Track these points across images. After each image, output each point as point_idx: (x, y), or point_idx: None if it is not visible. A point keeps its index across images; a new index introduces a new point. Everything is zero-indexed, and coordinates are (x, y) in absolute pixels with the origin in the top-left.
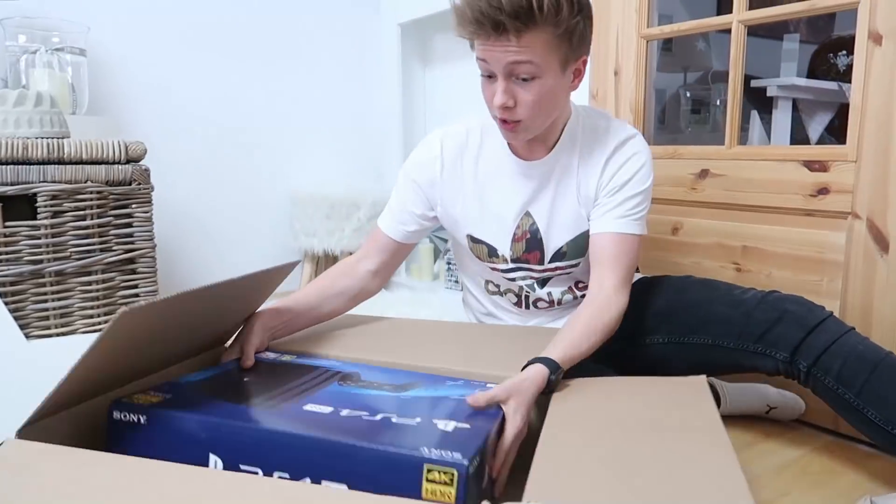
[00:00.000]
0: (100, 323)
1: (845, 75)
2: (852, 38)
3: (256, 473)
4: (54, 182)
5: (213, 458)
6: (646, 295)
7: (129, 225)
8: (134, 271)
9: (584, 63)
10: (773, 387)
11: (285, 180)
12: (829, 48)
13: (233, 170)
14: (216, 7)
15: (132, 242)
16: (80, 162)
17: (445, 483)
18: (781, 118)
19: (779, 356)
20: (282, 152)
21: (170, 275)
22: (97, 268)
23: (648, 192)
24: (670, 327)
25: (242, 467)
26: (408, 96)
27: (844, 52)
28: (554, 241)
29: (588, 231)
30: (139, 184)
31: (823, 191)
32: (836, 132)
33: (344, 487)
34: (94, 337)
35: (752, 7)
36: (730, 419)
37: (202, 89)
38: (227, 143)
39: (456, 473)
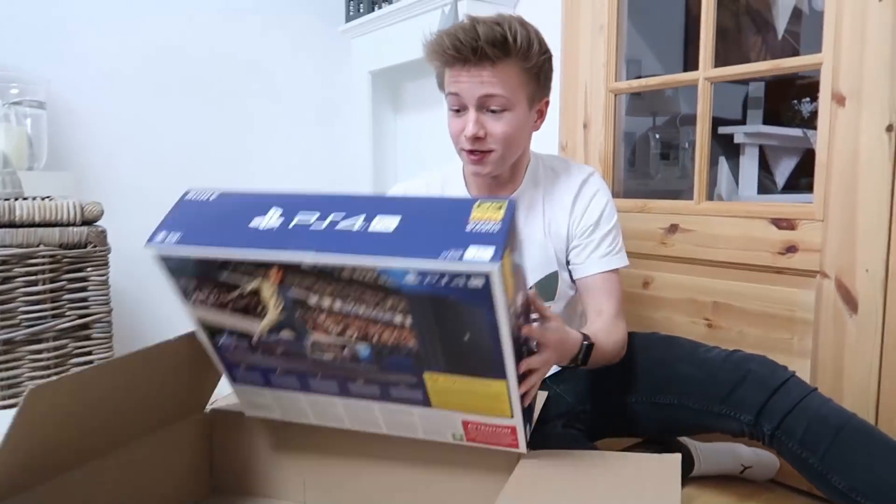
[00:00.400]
0: None
1: (809, 121)
2: (814, 84)
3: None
4: (4, 246)
5: (273, 209)
6: None
7: (83, 289)
8: (88, 337)
9: (547, 105)
10: (746, 446)
11: None
12: (794, 94)
13: None
14: (182, 58)
15: (87, 307)
16: (33, 224)
17: (495, 209)
18: (748, 165)
19: (743, 418)
20: None
21: (133, 338)
22: (48, 335)
23: (618, 224)
24: (638, 386)
25: (301, 213)
26: (379, 143)
27: (808, 98)
28: None
29: (556, 273)
30: (95, 246)
31: (792, 249)
32: (803, 178)
33: (398, 219)
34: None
35: (717, 61)
36: (704, 480)
37: (168, 141)
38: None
39: (506, 204)
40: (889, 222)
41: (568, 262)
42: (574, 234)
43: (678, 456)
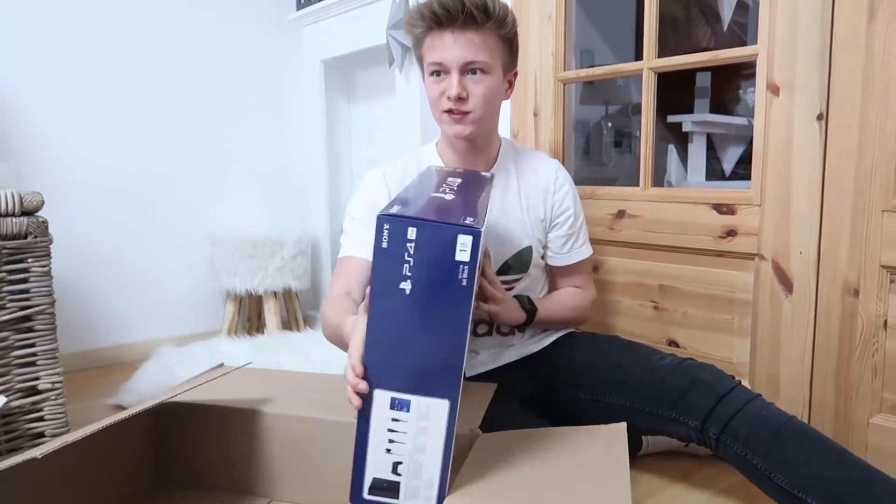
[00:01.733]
0: None
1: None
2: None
3: None
4: None
5: None
6: (574, 349)
7: (24, 281)
8: (30, 329)
9: (515, 76)
10: None
11: (204, 221)
12: (739, 84)
13: (147, 212)
14: (127, 46)
15: (28, 299)
16: None
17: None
18: (697, 152)
19: (691, 423)
20: (200, 193)
21: (77, 328)
22: None
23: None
24: (593, 384)
25: None
26: (332, 133)
27: (752, 88)
28: (499, 254)
29: (530, 247)
30: (35, 237)
31: (732, 233)
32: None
33: None
34: None
35: (661, 53)
36: (650, 458)
37: (114, 130)
38: (140, 185)
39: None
40: (820, 207)
41: (545, 246)
42: (552, 222)
43: (623, 424)
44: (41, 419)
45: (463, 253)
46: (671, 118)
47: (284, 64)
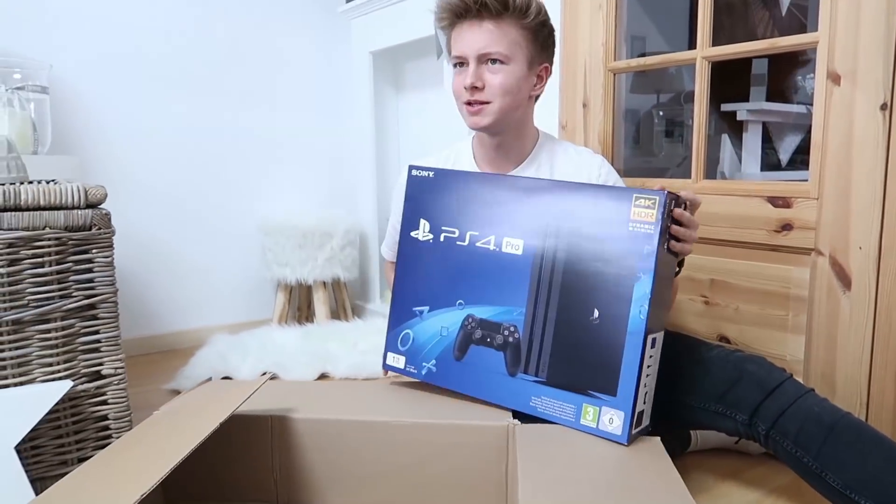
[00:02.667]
0: (59, 371)
1: (812, 97)
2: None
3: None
4: (11, 230)
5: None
6: None
7: (89, 270)
8: (95, 317)
9: (547, 71)
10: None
11: (256, 211)
12: (797, 71)
13: (202, 203)
14: (184, 41)
15: (93, 288)
16: (38, 208)
17: (649, 207)
18: (752, 142)
19: (739, 418)
20: (253, 183)
21: (137, 316)
22: (56, 315)
23: None
24: None
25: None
26: (380, 123)
27: (812, 75)
28: None
29: None
30: (99, 229)
31: (787, 227)
32: (807, 154)
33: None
34: (54, 385)
35: (715, 39)
36: (699, 454)
37: (168, 122)
38: (195, 176)
39: (657, 199)
40: (882, 200)
41: None
42: None
43: (657, 439)
44: (105, 402)
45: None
46: (725, 107)
47: (334, 55)
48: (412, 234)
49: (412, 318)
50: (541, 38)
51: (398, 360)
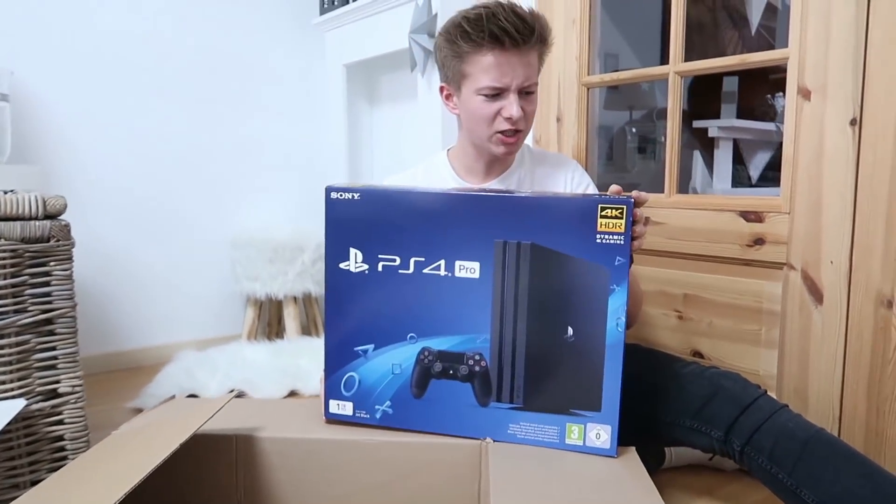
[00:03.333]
0: (13, 389)
1: (782, 116)
2: (783, 81)
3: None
4: None
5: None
6: None
7: (46, 284)
8: (52, 332)
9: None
10: None
11: (227, 223)
12: (767, 89)
13: (170, 214)
14: (152, 51)
15: (50, 302)
16: None
17: (617, 217)
18: (723, 158)
19: (714, 434)
20: (223, 195)
21: (99, 331)
22: (10, 331)
23: None
24: None
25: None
26: (354, 136)
27: (781, 93)
28: None
29: None
30: (58, 240)
31: (759, 241)
32: (777, 171)
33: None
34: (6, 404)
35: (687, 57)
36: (673, 471)
37: (137, 131)
38: (163, 186)
39: (625, 208)
40: (853, 214)
41: None
42: None
43: (632, 449)
44: (60, 422)
45: None
46: (697, 123)
47: (308, 67)
48: (341, 265)
49: (355, 358)
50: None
51: (344, 407)
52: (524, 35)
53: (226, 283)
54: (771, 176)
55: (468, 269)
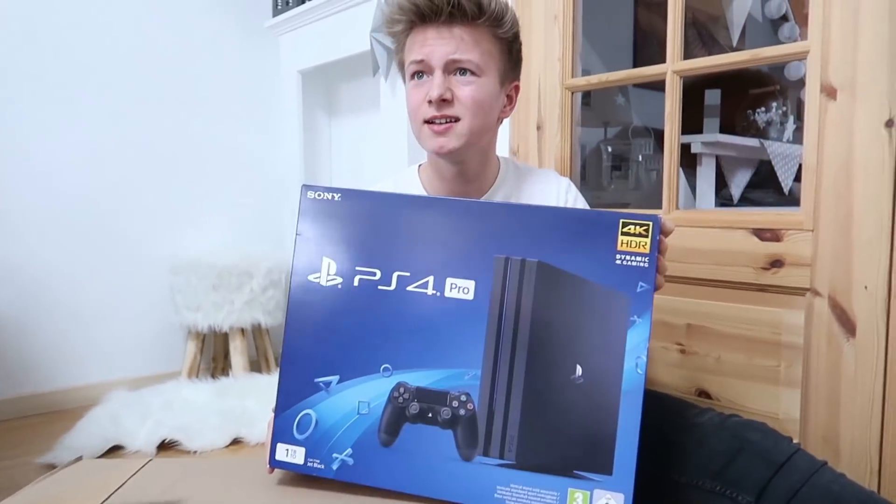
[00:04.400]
0: None
1: (764, 132)
2: (770, 94)
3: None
4: None
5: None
6: None
7: None
8: None
9: (517, 91)
10: None
11: (166, 246)
12: (748, 104)
13: (99, 238)
14: (86, 53)
15: None
16: None
17: (641, 235)
18: (706, 176)
19: (741, 499)
20: (163, 214)
21: (13, 371)
22: None
23: None
24: None
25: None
26: (311, 150)
27: (763, 108)
28: None
29: None
30: None
31: (777, 263)
32: (758, 191)
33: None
34: None
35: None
36: None
37: (65, 142)
38: (92, 207)
39: (651, 225)
40: (891, 231)
41: None
42: None
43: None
44: None
45: None
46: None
47: (260, 75)
48: (310, 277)
49: (314, 392)
50: (514, 52)
51: (294, 454)
52: (452, 6)
53: (165, 314)
54: (754, 195)
55: (461, 289)
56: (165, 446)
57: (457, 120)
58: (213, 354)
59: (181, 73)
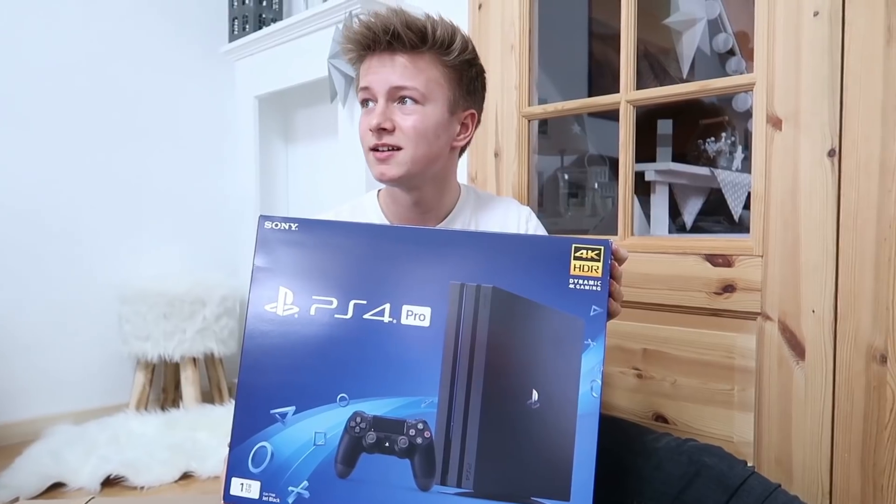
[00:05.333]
0: None
1: (714, 161)
2: (719, 125)
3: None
4: None
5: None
6: None
7: None
8: None
9: (473, 119)
10: None
11: (117, 273)
12: (698, 134)
13: (42, 260)
14: (32, 80)
15: None
16: None
17: (593, 259)
18: (659, 203)
19: None
20: (110, 241)
21: None
22: None
23: None
24: None
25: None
26: (267, 176)
27: (713, 138)
28: None
29: None
30: None
31: (729, 288)
32: (708, 218)
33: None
34: None
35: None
36: None
37: (11, 164)
38: (34, 232)
39: (602, 249)
40: (836, 256)
41: None
42: None
43: None
44: None
45: None
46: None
47: (215, 100)
48: (266, 307)
49: (269, 424)
50: (466, 80)
51: (249, 488)
52: (390, 35)
53: (111, 343)
54: (704, 222)
55: (417, 316)
56: (111, 482)
57: (399, 148)
58: (164, 385)
59: (136, 98)
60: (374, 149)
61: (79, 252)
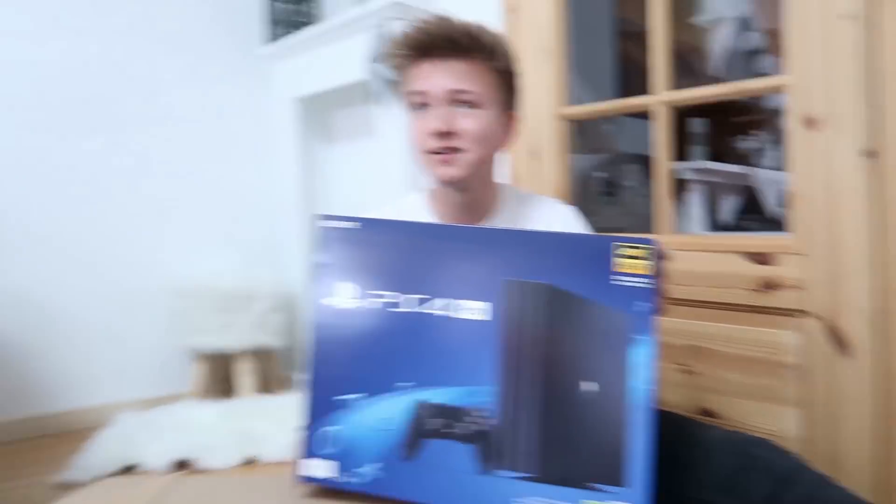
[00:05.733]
0: None
1: (746, 159)
2: (752, 122)
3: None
4: None
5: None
6: None
7: None
8: None
9: (514, 121)
10: None
11: (164, 272)
12: (732, 132)
13: (102, 260)
14: (68, 82)
15: None
16: None
17: (635, 257)
18: (695, 202)
19: None
20: (165, 239)
21: (21, 393)
22: None
23: None
24: None
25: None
26: (307, 176)
27: (746, 135)
28: None
29: None
30: None
31: (770, 286)
32: (745, 215)
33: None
34: None
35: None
36: None
37: (65, 171)
38: (94, 229)
39: (648, 247)
40: (882, 255)
41: None
42: None
43: None
44: None
45: None
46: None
47: (254, 102)
48: (329, 301)
49: (338, 409)
50: (512, 83)
51: (324, 468)
52: (446, 39)
53: (170, 336)
54: (745, 221)
55: (474, 311)
56: (181, 465)
57: (460, 150)
58: (221, 376)
59: (176, 101)
60: (436, 151)
61: (137, 252)
